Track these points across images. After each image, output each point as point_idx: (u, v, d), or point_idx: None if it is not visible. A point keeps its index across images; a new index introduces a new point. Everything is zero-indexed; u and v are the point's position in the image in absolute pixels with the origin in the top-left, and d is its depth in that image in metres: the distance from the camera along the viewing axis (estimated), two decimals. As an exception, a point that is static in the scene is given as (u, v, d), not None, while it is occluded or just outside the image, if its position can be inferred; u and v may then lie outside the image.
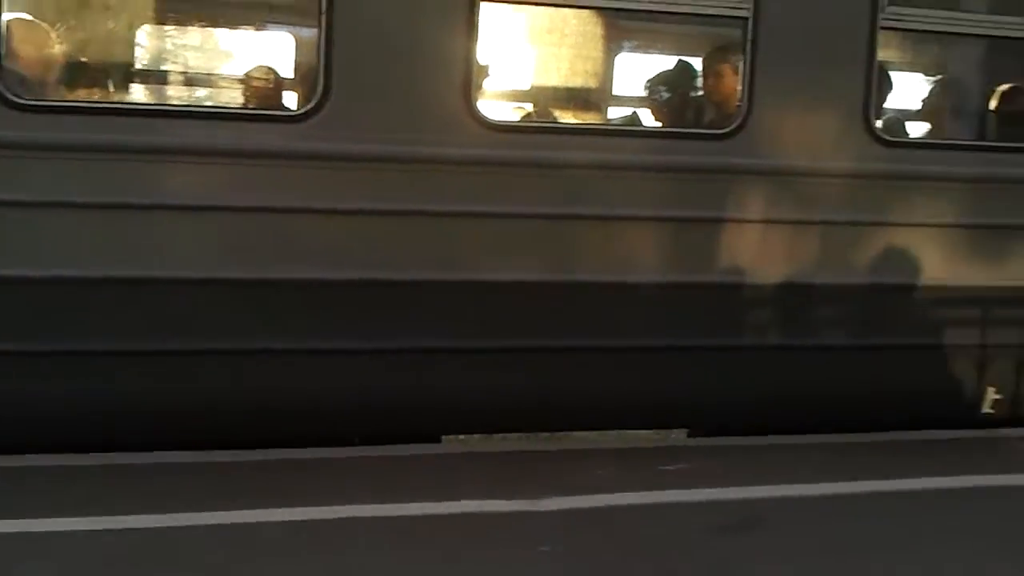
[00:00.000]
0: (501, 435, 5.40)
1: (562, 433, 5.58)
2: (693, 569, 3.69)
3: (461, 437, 5.37)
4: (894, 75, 6.10)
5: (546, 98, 6.51)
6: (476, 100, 4.98)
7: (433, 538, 3.84)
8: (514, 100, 6.58)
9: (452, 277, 4.99)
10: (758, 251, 5.40)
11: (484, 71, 5.40)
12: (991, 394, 5.75)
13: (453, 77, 4.90)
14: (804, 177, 5.41)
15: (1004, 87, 6.25)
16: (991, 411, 5.76)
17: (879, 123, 5.56)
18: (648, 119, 5.99)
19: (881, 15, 5.35)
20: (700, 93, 5.89)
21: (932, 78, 6.67)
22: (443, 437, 5.29)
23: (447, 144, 4.90)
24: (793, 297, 5.46)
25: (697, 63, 5.97)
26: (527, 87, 6.62)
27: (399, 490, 4.28)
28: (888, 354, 5.59)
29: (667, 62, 6.25)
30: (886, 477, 4.69)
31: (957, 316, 5.72)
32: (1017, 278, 5.74)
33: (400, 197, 4.87)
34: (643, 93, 6.10)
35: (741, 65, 5.31)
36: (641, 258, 5.26)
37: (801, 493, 4.50)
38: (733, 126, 5.31)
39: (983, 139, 6.21)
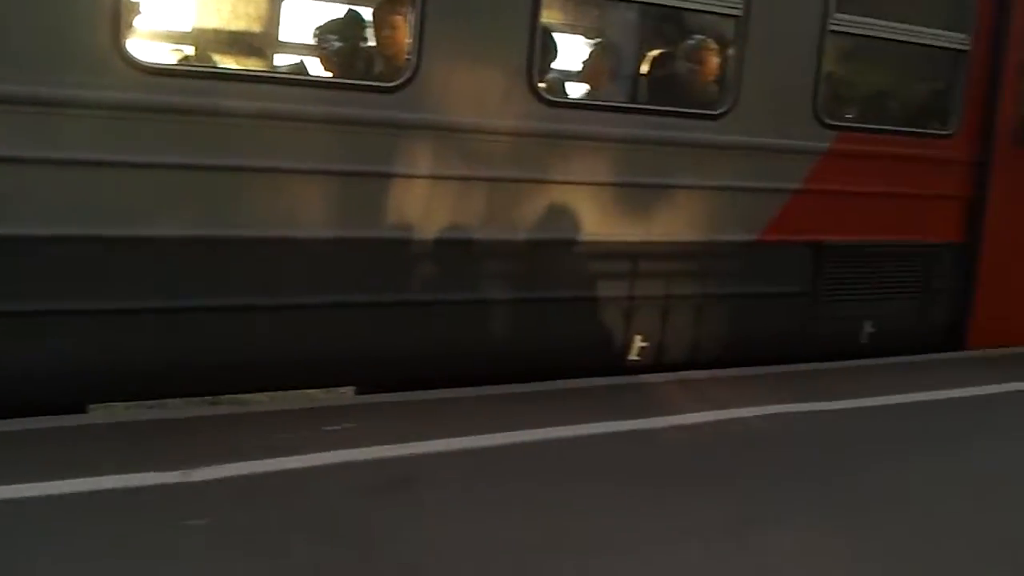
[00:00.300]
0: (154, 402, 5.11)
1: (223, 397, 5.38)
2: (352, 531, 3.66)
3: (109, 406, 5.02)
4: (557, 37, 6.31)
5: (206, 41, 6.16)
6: (126, 39, 4.61)
7: (70, 519, 3.55)
8: (170, 41, 6.17)
9: (96, 232, 4.60)
10: (425, 207, 5.43)
11: (135, 8, 4.98)
12: (638, 342, 6.16)
13: (99, 12, 4.49)
14: (470, 134, 5.48)
15: (655, 52, 6.64)
16: (638, 358, 6.17)
17: (542, 83, 5.72)
18: (316, 69, 5.81)
19: None
20: (370, 44, 5.79)
21: (592, 41, 6.96)
22: (89, 406, 4.92)
23: (91, 86, 4.50)
24: (459, 252, 5.54)
25: (368, 13, 5.86)
26: (186, 28, 6.22)
27: (35, 468, 3.91)
28: (547, 307, 5.83)
29: (337, 10, 6.09)
30: (542, 426, 4.88)
31: (610, 270, 6.04)
32: (664, 234, 6.15)
33: (34, 142, 4.42)
34: (311, 41, 5.91)
35: (411, 18, 5.26)
36: (306, 213, 5.13)
37: (463, 446, 4.58)
38: (402, 80, 5.28)
39: (637, 102, 6.57)
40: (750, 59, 6.23)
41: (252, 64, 5.97)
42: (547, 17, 5.86)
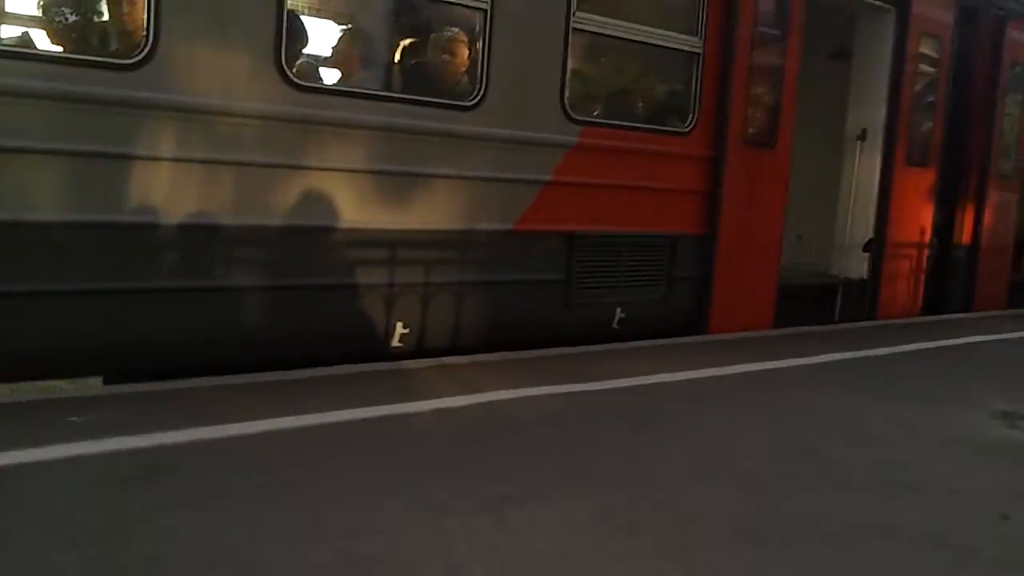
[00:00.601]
0: None
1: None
2: (87, 528, 3.35)
3: None
4: (308, 22, 6.18)
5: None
6: None
7: None
8: None
9: None
10: (169, 191, 5.17)
11: None
12: (399, 329, 6.11)
13: None
14: (216, 116, 5.28)
15: (407, 41, 6.63)
16: (400, 345, 6.11)
17: (292, 67, 5.57)
18: (44, 42, 5.38)
19: None
20: (105, 18, 5.43)
21: (343, 27, 6.87)
22: None
23: None
24: (206, 239, 5.31)
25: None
26: None
27: None
28: (304, 295, 5.67)
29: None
30: (299, 413, 4.72)
31: (368, 257, 5.96)
32: (422, 222, 6.14)
33: None
34: (39, 13, 5.47)
35: (144, -8, 5.01)
36: (38, 195, 4.77)
37: (216, 436, 4.35)
38: (139, 57, 5.02)
39: (390, 90, 6.52)
40: (498, 52, 6.34)
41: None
42: (295, 1, 5.73)
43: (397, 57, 6.62)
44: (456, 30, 6.57)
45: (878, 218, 9.54)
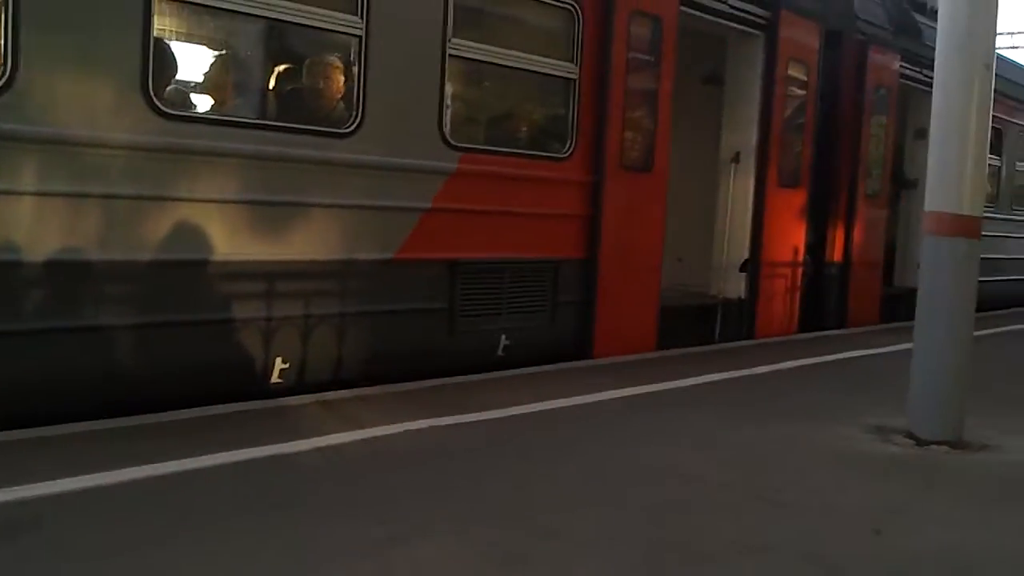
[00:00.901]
0: None
1: None
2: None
3: None
4: (178, 48, 6.01)
5: None
6: None
7: None
8: None
9: None
10: (30, 226, 4.93)
11: None
12: (279, 364, 5.94)
13: None
14: (81, 148, 5.07)
15: (282, 68, 6.50)
16: (280, 381, 5.94)
17: (160, 96, 5.39)
18: None
19: None
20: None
21: (214, 54, 6.69)
22: None
23: None
24: (71, 276, 5.07)
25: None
26: None
27: None
28: (177, 332, 5.47)
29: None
30: (176, 458, 4.52)
31: (244, 290, 5.79)
32: (299, 253, 6.00)
33: None
34: None
35: (4, 22, 4.76)
36: None
37: (83, 486, 4.12)
38: (-1, 88, 4.79)
39: (264, 117, 6.37)
40: (374, 79, 6.25)
41: None
42: (162, 27, 5.55)
43: (272, 83, 6.48)
44: (332, 56, 6.46)
45: (753, 238, 9.77)
